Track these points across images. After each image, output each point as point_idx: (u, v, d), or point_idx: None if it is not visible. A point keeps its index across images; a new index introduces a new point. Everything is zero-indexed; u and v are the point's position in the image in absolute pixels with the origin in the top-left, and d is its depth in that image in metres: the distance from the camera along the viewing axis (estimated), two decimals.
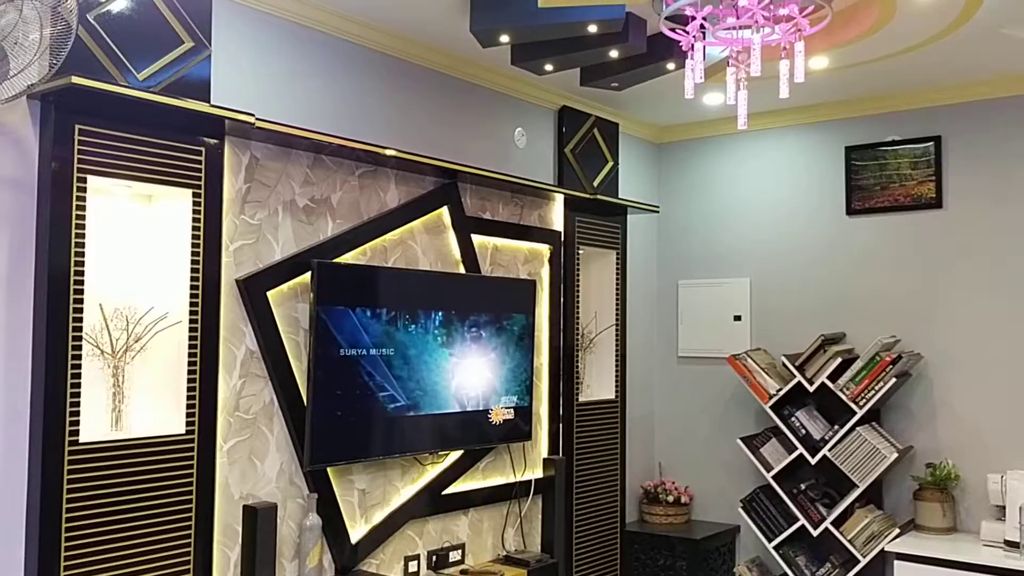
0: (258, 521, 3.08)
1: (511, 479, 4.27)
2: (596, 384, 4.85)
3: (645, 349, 5.40)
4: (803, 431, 4.56)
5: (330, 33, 3.58)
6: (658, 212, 5.13)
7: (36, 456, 2.65)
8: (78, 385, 2.68)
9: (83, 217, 2.71)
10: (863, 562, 4.35)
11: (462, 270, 4.06)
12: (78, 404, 2.68)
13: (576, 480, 4.53)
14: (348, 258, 3.56)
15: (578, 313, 4.63)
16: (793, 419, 4.59)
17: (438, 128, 4.06)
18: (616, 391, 4.85)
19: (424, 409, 3.71)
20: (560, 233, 4.58)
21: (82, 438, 2.70)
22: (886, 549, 4.23)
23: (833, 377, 4.49)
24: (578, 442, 4.57)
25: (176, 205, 3.01)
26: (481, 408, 3.97)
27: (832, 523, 4.46)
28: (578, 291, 4.63)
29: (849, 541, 4.38)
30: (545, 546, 4.31)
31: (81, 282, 2.70)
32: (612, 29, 3.43)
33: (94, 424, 2.84)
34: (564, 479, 4.36)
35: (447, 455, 3.94)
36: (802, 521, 4.55)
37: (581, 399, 4.63)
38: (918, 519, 4.41)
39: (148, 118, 2.83)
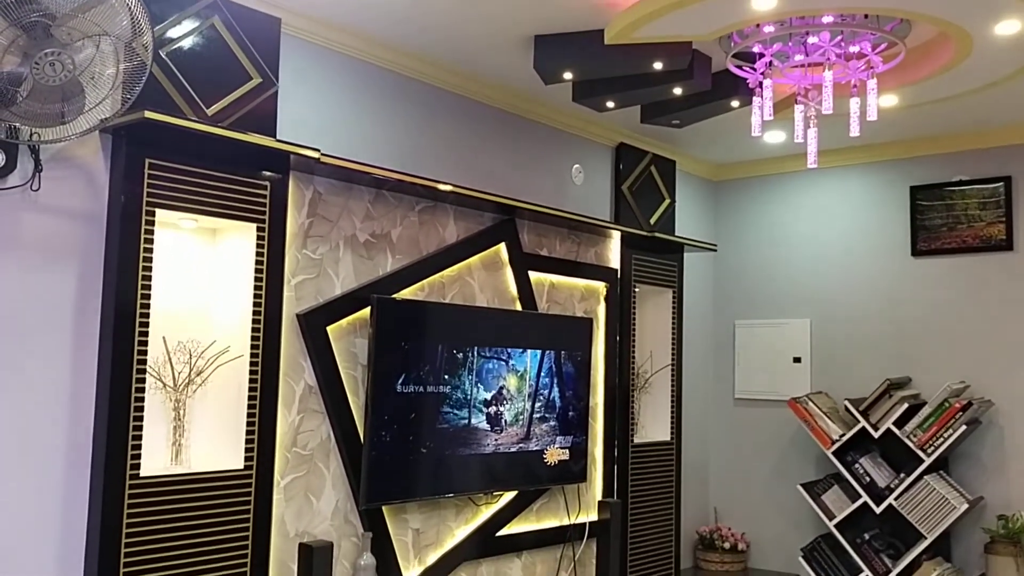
0: (314, 560, 3.03)
1: (565, 522, 4.18)
2: (651, 425, 4.75)
3: (701, 390, 5.29)
4: (867, 479, 4.41)
5: (393, 70, 3.59)
6: (716, 250, 5.05)
7: (97, 489, 2.64)
8: (140, 419, 2.68)
9: (150, 250, 2.72)
10: None
11: (519, 307, 4.01)
12: (140, 438, 2.67)
13: (631, 524, 4.42)
14: (406, 293, 3.54)
15: (634, 352, 4.55)
16: (857, 466, 4.45)
17: (497, 164, 4.05)
18: (672, 433, 4.74)
19: (479, 449, 3.65)
20: (616, 271, 4.52)
21: (143, 472, 2.69)
22: None
23: (899, 423, 4.34)
24: (633, 485, 4.46)
25: (240, 239, 3.01)
26: (536, 448, 3.89)
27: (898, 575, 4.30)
28: (634, 330, 4.56)
29: None
30: None
31: (147, 315, 2.70)
32: (677, 66, 3.39)
33: (155, 458, 2.83)
34: (620, 523, 4.25)
35: (501, 496, 3.87)
36: (866, 572, 4.38)
37: (636, 440, 4.53)
38: (989, 573, 4.22)
39: (216, 153, 2.84)
